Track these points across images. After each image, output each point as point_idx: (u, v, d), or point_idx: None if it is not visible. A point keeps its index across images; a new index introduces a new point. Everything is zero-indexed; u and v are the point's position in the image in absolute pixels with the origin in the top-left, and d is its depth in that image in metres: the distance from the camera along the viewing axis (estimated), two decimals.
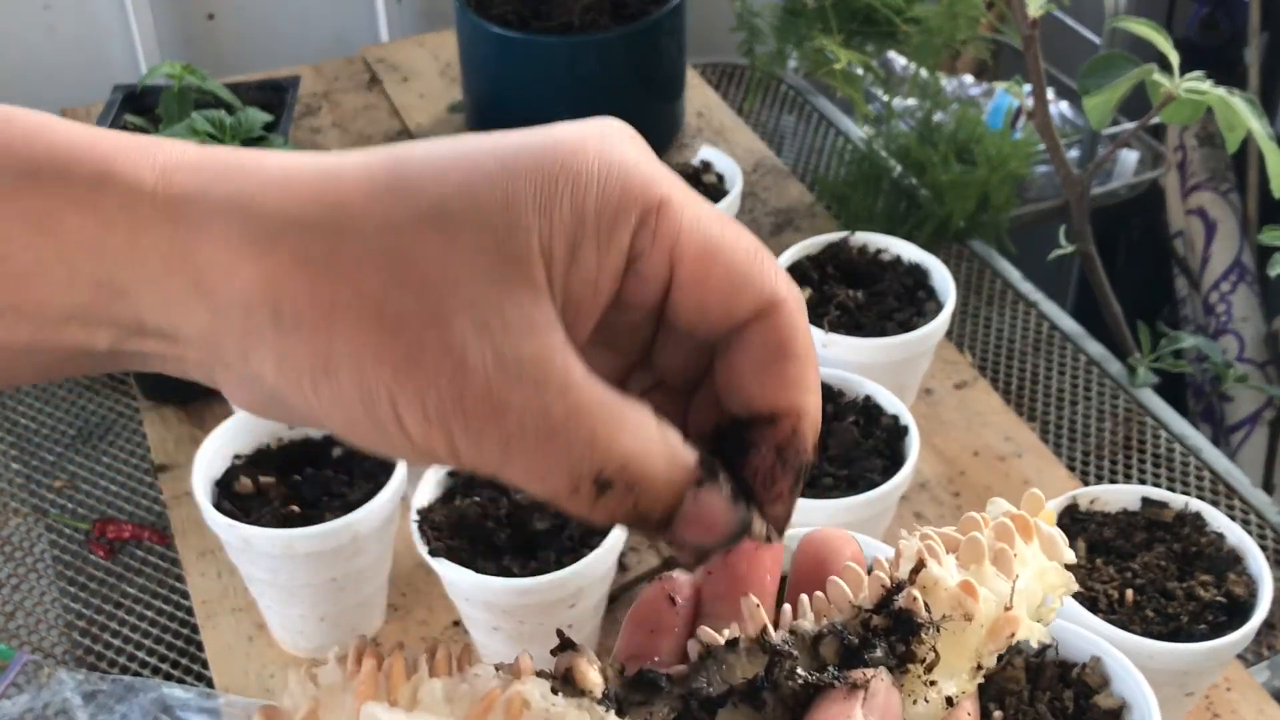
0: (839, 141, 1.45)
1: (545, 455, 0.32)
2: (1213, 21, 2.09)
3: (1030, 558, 0.37)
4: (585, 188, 0.32)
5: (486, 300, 0.31)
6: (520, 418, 0.31)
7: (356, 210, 0.32)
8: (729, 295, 0.34)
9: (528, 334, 0.31)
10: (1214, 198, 1.96)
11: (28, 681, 0.85)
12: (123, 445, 1.06)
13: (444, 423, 0.31)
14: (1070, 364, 1.14)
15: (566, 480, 0.32)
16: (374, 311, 0.31)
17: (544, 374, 0.31)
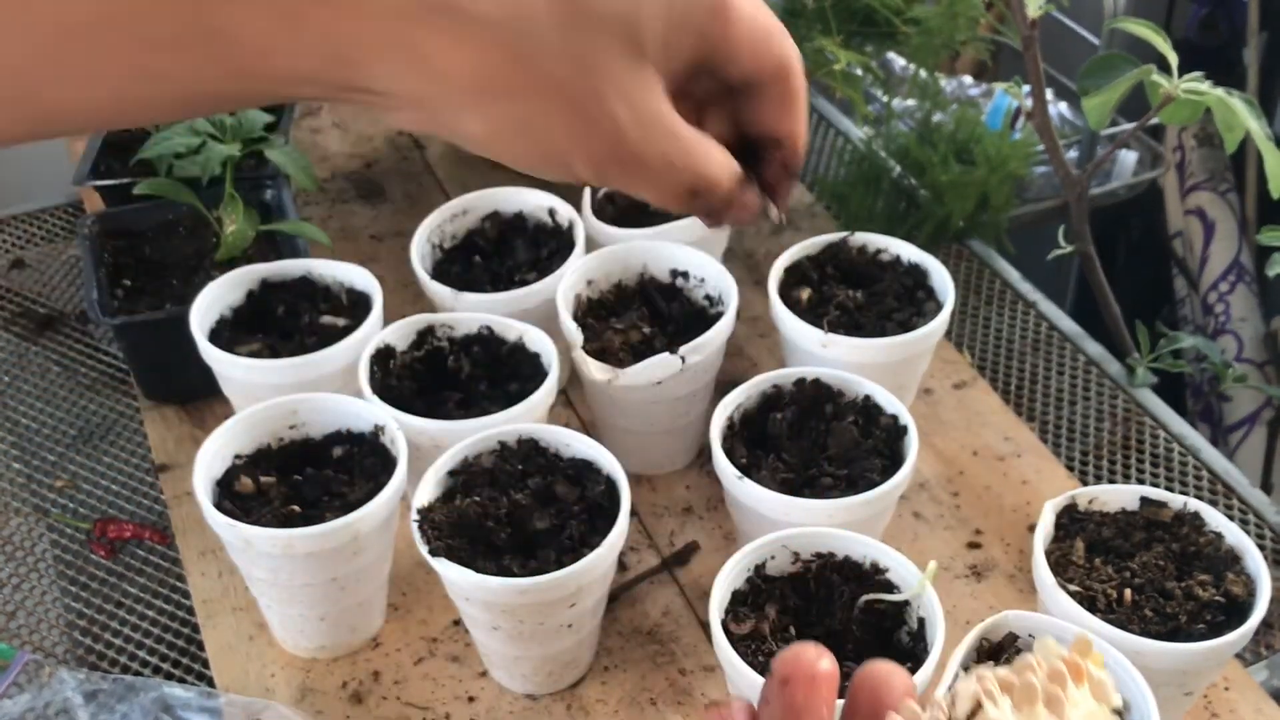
0: (839, 142, 1.46)
1: (666, 182, 0.48)
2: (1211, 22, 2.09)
3: (1080, 700, 0.39)
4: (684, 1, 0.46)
5: (628, 79, 0.45)
6: (654, 161, 0.47)
7: (540, 15, 0.43)
8: (766, 63, 0.49)
9: (651, 100, 0.46)
10: (1213, 198, 1.96)
11: (29, 681, 0.85)
12: (124, 445, 1.07)
13: (603, 167, 0.47)
14: (1069, 364, 1.15)
15: (675, 195, 0.48)
16: (557, 91, 0.44)
17: (664, 129, 0.47)
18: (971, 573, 0.93)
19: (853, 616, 0.74)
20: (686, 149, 0.48)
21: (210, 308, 0.98)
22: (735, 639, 0.72)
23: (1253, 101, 0.91)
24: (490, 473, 0.83)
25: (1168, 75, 0.92)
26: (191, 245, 1.13)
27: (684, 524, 0.97)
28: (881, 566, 0.76)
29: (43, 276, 1.26)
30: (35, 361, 1.15)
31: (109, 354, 1.16)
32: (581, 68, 0.45)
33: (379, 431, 0.86)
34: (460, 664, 0.87)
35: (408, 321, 0.95)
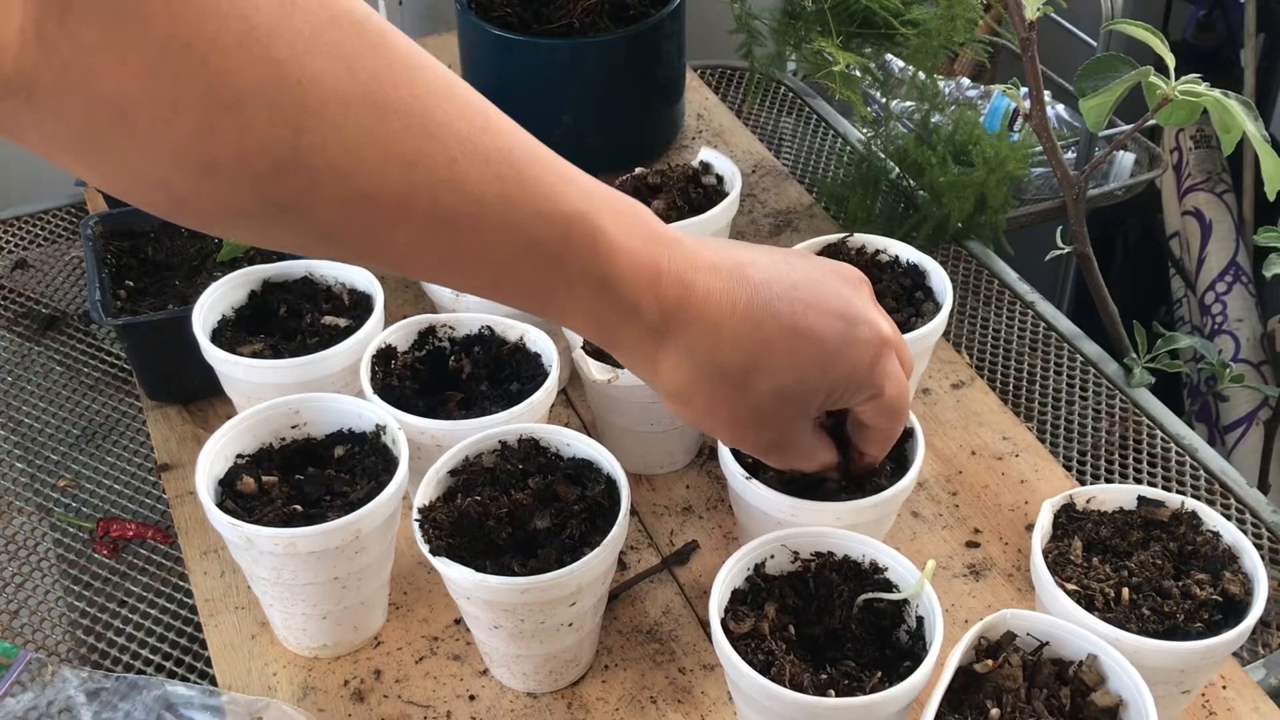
0: (837, 143, 1.46)
1: (800, 461, 0.74)
2: (1209, 24, 2.10)
3: None
4: (852, 386, 0.68)
5: (787, 425, 0.70)
6: (786, 460, 0.73)
7: (735, 379, 0.65)
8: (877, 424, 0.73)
9: (798, 433, 0.71)
10: (1210, 199, 1.96)
11: (32, 680, 0.85)
12: (126, 445, 1.07)
13: (764, 452, 0.73)
14: (1067, 364, 1.15)
15: (803, 467, 0.75)
16: (732, 420, 0.68)
17: (801, 448, 0.72)
18: (970, 572, 0.93)
19: (851, 615, 0.75)
20: (807, 457, 0.73)
21: (212, 308, 0.99)
22: (734, 637, 0.72)
23: (1249, 103, 0.91)
24: (491, 472, 0.84)
25: (1165, 77, 0.93)
26: (194, 246, 1.13)
27: (684, 523, 0.97)
28: (880, 565, 0.76)
29: (45, 277, 1.26)
30: (38, 362, 1.16)
31: (112, 354, 1.16)
32: (756, 415, 0.67)
33: (380, 431, 0.87)
34: (461, 662, 0.87)
35: (409, 322, 0.96)
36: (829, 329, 0.65)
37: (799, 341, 0.65)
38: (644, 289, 0.61)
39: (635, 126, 1.36)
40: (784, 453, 0.71)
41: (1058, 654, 0.72)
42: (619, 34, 1.27)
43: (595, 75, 1.29)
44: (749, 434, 0.69)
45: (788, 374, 0.65)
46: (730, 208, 1.11)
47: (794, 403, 0.67)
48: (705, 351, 0.64)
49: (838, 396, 0.68)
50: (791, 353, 0.65)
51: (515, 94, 1.31)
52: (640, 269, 0.61)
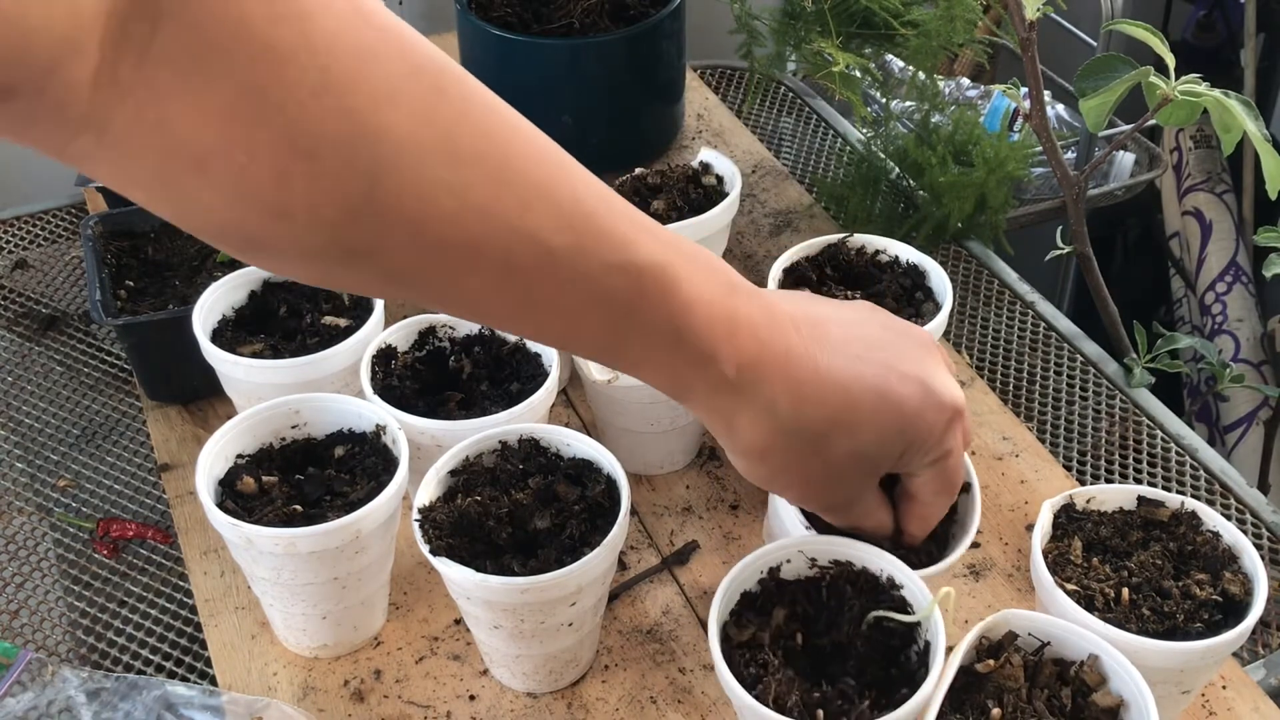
0: (837, 143, 1.46)
1: (845, 522, 0.73)
2: (1209, 24, 2.10)
3: None
4: (921, 450, 0.68)
5: (857, 484, 0.69)
6: (848, 519, 0.73)
7: (816, 438, 0.65)
8: (927, 498, 0.73)
9: (866, 494, 0.71)
10: (1210, 199, 1.96)
11: (32, 680, 0.85)
12: (126, 445, 1.07)
13: (829, 510, 0.72)
14: (1067, 364, 1.15)
15: (868, 528, 0.74)
16: (803, 479, 0.68)
17: (864, 508, 0.72)
18: (970, 572, 0.93)
19: (859, 631, 0.73)
20: (868, 517, 0.73)
21: (212, 308, 0.99)
22: (732, 645, 0.72)
23: (1250, 103, 0.91)
24: (491, 472, 0.84)
25: (1165, 77, 0.93)
26: (194, 245, 1.13)
27: (684, 523, 0.97)
28: (897, 583, 0.74)
29: (46, 277, 1.26)
30: (38, 362, 1.16)
31: (112, 354, 1.16)
32: (830, 473, 0.67)
33: (380, 431, 0.87)
34: (461, 662, 0.87)
35: (409, 322, 0.96)
36: (910, 392, 0.65)
37: (882, 403, 0.64)
38: (721, 341, 0.60)
39: (635, 126, 1.36)
40: (848, 512, 0.71)
41: (1059, 654, 0.72)
42: (619, 34, 1.27)
43: (595, 75, 1.29)
44: (819, 494, 0.69)
45: (869, 434, 0.65)
46: (730, 208, 1.11)
47: (869, 463, 0.67)
48: (787, 409, 0.63)
49: (909, 458, 0.68)
50: (875, 413, 0.64)
51: (515, 94, 1.30)
52: (717, 321, 0.60)
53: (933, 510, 0.73)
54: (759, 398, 0.62)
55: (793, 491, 0.70)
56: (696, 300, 0.59)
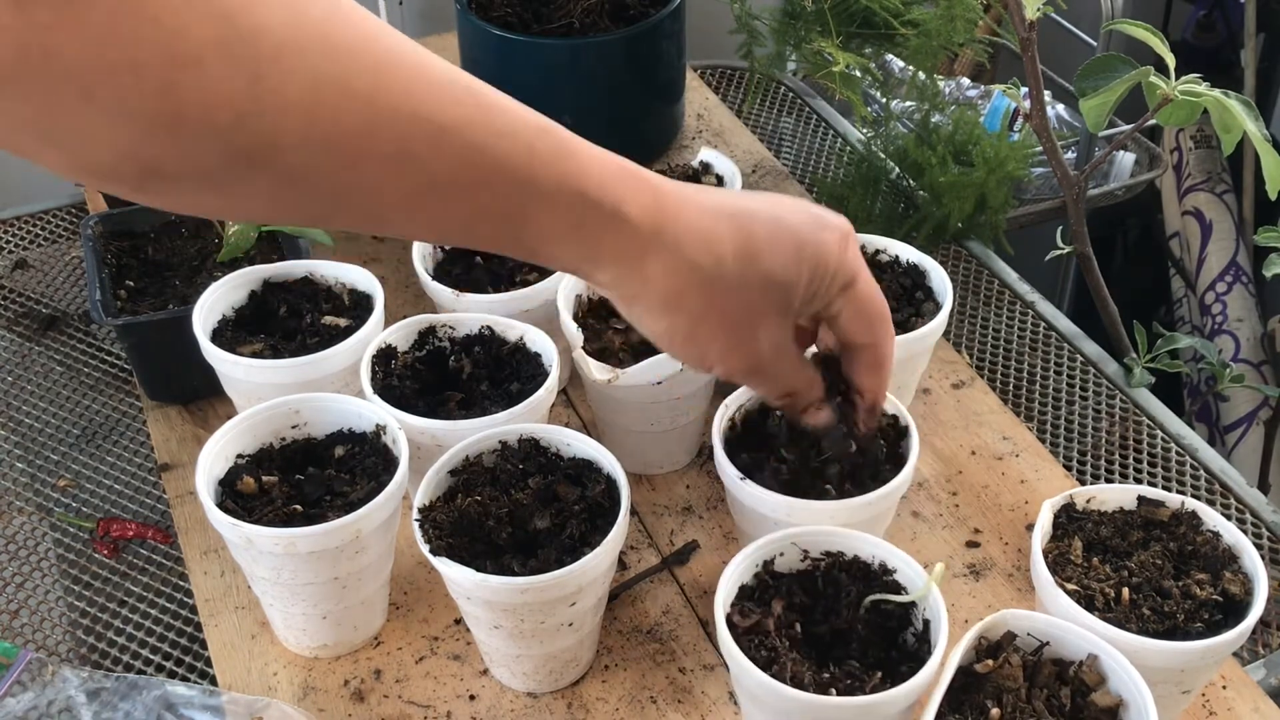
0: (837, 143, 1.46)
1: (774, 388, 0.73)
2: (1209, 24, 2.10)
3: None
4: (827, 275, 0.68)
5: (774, 324, 0.68)
6: (772, 378, 0.71)
7: (726, 269, 0.64)
8: (858, 334, 0.72)
9: (785, 340, 0.69)
10: (1210, 199, 1.96)
11: (32, 679, 0.85)
12: (126, 445, 1.07)
13: (741, 375, 0.70)
14: (1067, 364, 1.15)
15: (780, 394, 0.73)
16: (728, 319, 0.66)
17: (788, 361, 0.71)
18: (970, 572, 0.93)
19: (859, 616, 0.75)
20: (794, 372, 0.72)
21: (213, 308, 0.99)
22: (739, 632, 0.72)
23: (1250, 103, 0.91)
24: (491, 472, 0.84)
25: (1165, 77, 0.93)
26: (194, 246, 1.13)
27: (684, 523, 0.97)
28: (890, 567, 0.76)
29: (46, 277, 1.26)
30: (38, 361, 1.16)
31: (112, 354, 1.16)
32: (747, 310, 0.66)
33: (380, 431, 0.87)
34: (461, 662, 0.87)
35: (409, 322, 0.96)
36: (800, 217, 0.67)
37: (777, 227, 0.66)
38: (625, 191, 0.61)
39: (635, 126, 1.36)
40: (775, 371, 0.70)
41: (1058, 654, 0.72)
42: (619, 34, 1.27)
43: (595, 75, 1.29)
44: (741, 343, 0.67)
45: (771, 258, 0.65)
46: None
47: (778, 291, 0.66)
48: (693, 245, 0.63)
49: (816, 285, 0.68)
50: (772, 238, 0.66)
51: (515, 94, 1.30)
52: (615, 172, 0.61)
53: (876, 347, 0.73)
54: (666, 240, 0.63)
55: (716, 345, 0.67)
56: (591, 157, 0.60)
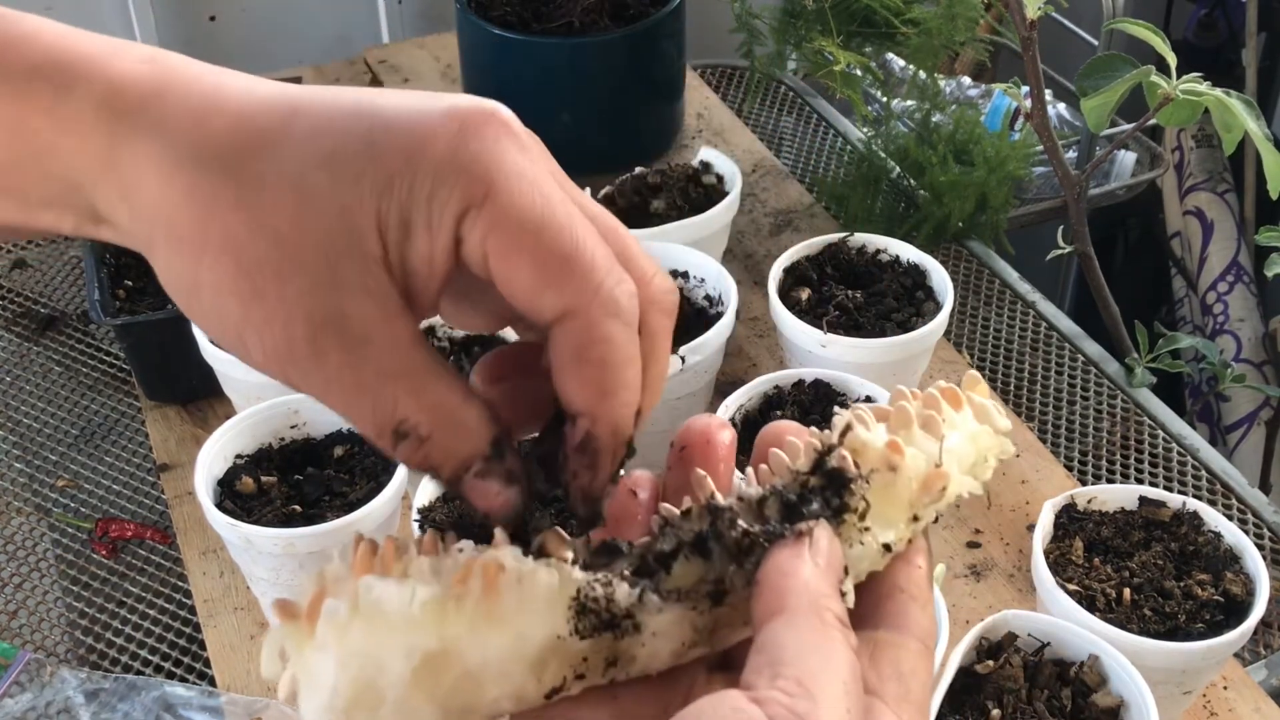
0: (838, 142, 1.46)
1: (356, 402, 0.38)
2: (1210, 23, 2.10)
3: (961, 423, 0.40)
4: (423, 176, 0.37)
5: (324, 262, 0.37)
6: (338, 368, 0.37)
7: (244, 160, 0.38)
8: (534, 296, 0.38)
9: (356, 296, 0.37)
10: (1211, 198, 1.96)
11: (30, 680, 0.85)
12: (125, 445, 1.07)
13: (278, 356, 0.37)
14: (1068, 364, 1.15)
15: (372, 426, 0.38)
16: (234, 252, 0.37)
17: (364, 333, 0.37)
18: (971, 572, 0.93)
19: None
20: (393, 371, 0.37)
21: None
22: None
23: (1251, 102, 0.91)
24: None
25: (1166, 76, 0.92)
26: None
27: None
28: None
29: (44, 277, 1.26)
30: (37, 361, 1.16)
31: (110, 354, 1.16)
32: (268, 233, 0.37)
33: None
34: None
35: None
36: (392, 97, 0.39)
37: (337, 105, 0.39)
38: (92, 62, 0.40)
39: (635, 126, 1.35)
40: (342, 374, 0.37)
41: (1059, 655, 0.72)
42: (619, 33, 1.27)
43: (595, 75, 1.29)
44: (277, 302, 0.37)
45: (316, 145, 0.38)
46: (730, 207, 1.11)
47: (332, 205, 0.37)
48: (193, 130, 0.38)
49: (406, 197, 0.37)
50: (326, 118, 0.38)
51: (515, 93, 1.31)
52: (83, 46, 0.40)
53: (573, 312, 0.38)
54: (149, 124, 0.38)
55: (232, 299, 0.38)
56: (43, 29, 0.40)
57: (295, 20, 1.68)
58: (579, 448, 0.40)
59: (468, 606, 0.35)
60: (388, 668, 0.35)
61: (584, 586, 0.36)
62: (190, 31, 1.63)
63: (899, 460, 0.38)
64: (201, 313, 0.39)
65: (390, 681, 0.35)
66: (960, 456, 0.39)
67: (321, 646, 0.35)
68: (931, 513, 0.39)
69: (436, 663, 0.35)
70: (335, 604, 0.35)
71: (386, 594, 0.35)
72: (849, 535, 0.37)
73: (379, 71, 1.51)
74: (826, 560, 0.36)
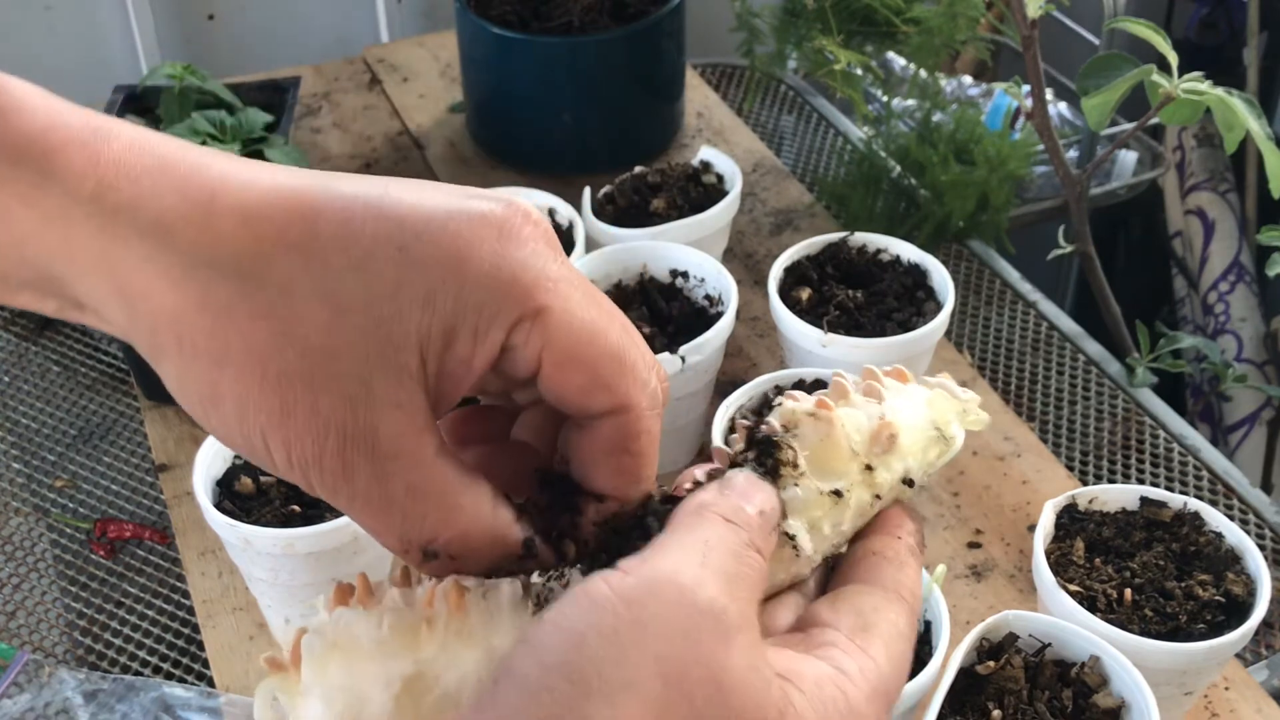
0: (838, 142, 1.46)
1: (383, 519, 0.37)
2: (1211, 22, 2.09)
3: (909, 391, 0.42)
4: (470, 288, 0.36)
5: (358, 376, 0.36)
6: (366, 484, 0.36)
7: (263, 266, 0.36)
8: (586, 396, 0.39)
9: (389, 411, 0.36)
10: (1212, 198, 1.96)
11: (29, 681, 0.85)
12: (124, 445, 1.07)
13: (304, 470, 0.36)
14: (1069, 364, 1.15)
15: (398, 543, 0.38)
16: (259, 364, 0.35)
17: (395, 449, 0.36)
18: (971, 572, 0.93)
19: None
20: (424, 488, 0.37)
21: None
22: None
23: (1253, 101, 0.91)
24: None
25: (1168, 75, 0.92)
26: None
27: None
28: None
29: None
30: (35, 361, 1.15)
31: (109, 354, 1.16)
32: (296, 344, 0.36)
33: None
34: None
35: None
36: (412, 192, 0.38)
37: (359, 205, 0.37)
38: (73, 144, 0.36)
39: (635, 125, 1.35)
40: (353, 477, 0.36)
41: (1060, 655, 0.72)
42: (619, 32, 1.27)
43: (595, 74, 1.29)
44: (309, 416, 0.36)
45: (350, 251, 0.36)
46: (731, 207, 1.10)
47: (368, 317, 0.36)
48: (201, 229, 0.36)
49: (450, 309, 0.36)
50: (349, 222, 0.37)
51: (515, 93, 1.31)
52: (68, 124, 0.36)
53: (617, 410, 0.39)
54: (148, 223, 0.36)
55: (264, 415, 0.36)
56: (29, 99, 0.36)
57: (294, 19, 1.68)
58: (604, 524, 0.41)
59: (438, 627, 0.36)
60: (370, 698, 0.35)
61: (539, 588, 0.37)
62: (189, 31, 1.63)
63: (826, 413, 0.40)
64: (221, 422, 0.37)
65: (374, 713, 0.35)
66: (910, 414, 0.41)
67: (306, 690, 0.36)
68: (893, 465, 0.40)
69: (415, 687, 0.36)
70: (312, 638, 0.36)
71: (357, 622, 0.36)
72: (785, 484, 0.39)
73: (378, 70, 1.51)
74: (736, 490, 0.37)
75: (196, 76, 1.14)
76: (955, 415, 0.43)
